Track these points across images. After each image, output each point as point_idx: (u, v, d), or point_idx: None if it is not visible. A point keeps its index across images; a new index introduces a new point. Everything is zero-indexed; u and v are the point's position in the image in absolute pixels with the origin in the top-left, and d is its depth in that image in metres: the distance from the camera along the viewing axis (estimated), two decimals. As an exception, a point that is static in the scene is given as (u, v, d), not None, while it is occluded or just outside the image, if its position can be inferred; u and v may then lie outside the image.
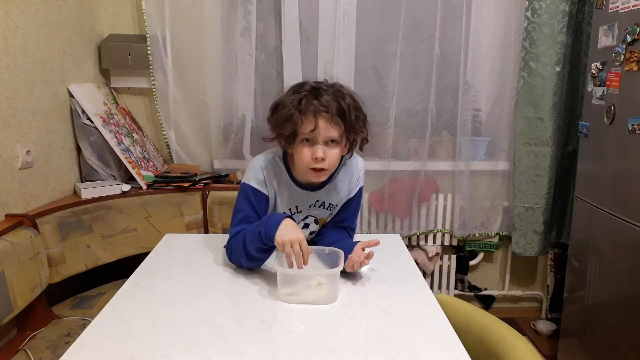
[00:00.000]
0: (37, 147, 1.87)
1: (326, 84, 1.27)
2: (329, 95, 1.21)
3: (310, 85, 1.24)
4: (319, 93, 1.21)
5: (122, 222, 2.10)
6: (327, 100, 1.20)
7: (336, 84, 1.27)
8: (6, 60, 1.70)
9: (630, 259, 1.73)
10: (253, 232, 1.25)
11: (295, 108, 1.20)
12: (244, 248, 1.28)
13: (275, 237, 1.18)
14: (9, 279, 1.53)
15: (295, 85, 1.28)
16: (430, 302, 1.19)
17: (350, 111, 1.22)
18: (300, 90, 1.23)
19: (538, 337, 2.63)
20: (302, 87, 1.25)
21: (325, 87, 1.24)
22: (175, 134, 2.43)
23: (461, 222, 2.57)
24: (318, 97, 1.20)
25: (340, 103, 1.20)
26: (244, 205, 1.34)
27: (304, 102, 1.20)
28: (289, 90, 1.28)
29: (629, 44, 1.71)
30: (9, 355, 1.54)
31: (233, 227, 1.35)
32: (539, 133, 2.42)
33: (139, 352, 0.96)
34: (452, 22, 2.41)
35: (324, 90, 1.22)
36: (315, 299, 1.18)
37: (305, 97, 1.21)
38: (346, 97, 1.23)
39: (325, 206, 1.42)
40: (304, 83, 1.26)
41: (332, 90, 1.23)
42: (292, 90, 1.26)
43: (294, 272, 1.18)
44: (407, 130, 2.51)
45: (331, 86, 1.26)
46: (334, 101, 1.20)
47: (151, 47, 2.33)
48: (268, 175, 1.34)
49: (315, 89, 1.23)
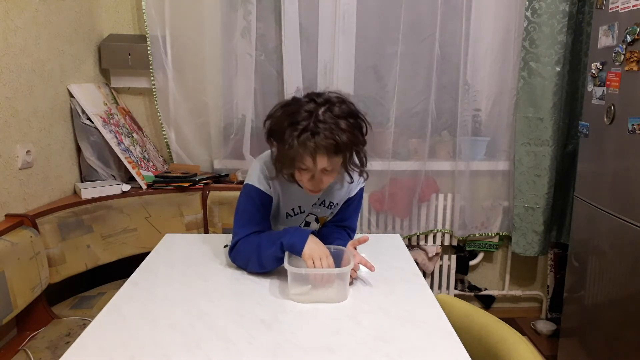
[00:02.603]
0: (37, 147, 1.87)
1: (324, 103, 1.18)
2: (327, 131, 1.14)
3: (306, 112, 1.16)
4: (316, 129, 1.14)
5: (122, 222, 2.10)
6: (324, 138, 1.14)
7: (335, 102, 1.19)
8: (6, 60, 1.70)
9: (630, 259, 1.73)
10: (271, 241, 1.27)
11: (293, 148, 1.15)
12: (257, 253, 1.29)
13: (304, 251, 1.21)
14: (9, 279, 1.53)
15: (291, 108, 1.19)
16: (430, 302, 1.19)
17: (348, 148, 1.18)
18: (298, 121, 1.15)
19: (538, 337, 2.63)
20: (298, 115, 1.16)
21: (322, 115, 1.16)
22: (175, 134, 2.43)
23: (461, 222, 2.57)
24: (315, 134, 1.14)
25: (338, 140, 1.15)
26: (249, 206, 1.34)
27: (301, 140, 1.14)
28: (285, 111, 1.19)
29: (629, 44, 1.71)
30: (9, 355, 1.54)
31: (239, 229, 1.34)
32: (539, 133, 2.42)
33: (139, 352, 0.96)
34: (452, 22, 2.41)
35: (322, 123, 1.15)
36: (326, 298, 1.19)
37: (302, 134, 1.14)
38: (345, 132, 1.16)
39: (326, 204, 1.43)
40: (300, 106, 1.18)
41: (330, 123, 1.15)
42: (289, 119, 1.16)
43: (307, 272, 1.20)
44: (407, 130, 2.51)
45: (329, 108, 1.17)
46: (331, 139, 1.14)
47: (151, 47, 2.33)
48: (271, 176, 1.33)
49: (314, 121, 1.14)
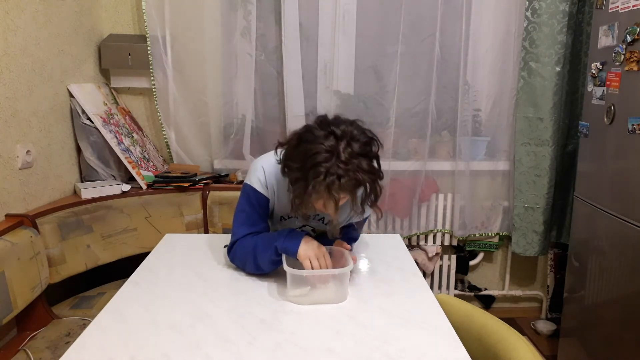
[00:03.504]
0: (37, 147, 1.87)
1: (343, 137, 1.13)
2: (350, 172, 1.11)
3: (327, 152, 1.11)
4: (340, 171, 1.10)
5: (122, 222, 2.10)
6: (348, 180, 1.11)
7: (354, 135, 1.14)
8: (6, 60, 1.70)
9: (630, 259, 1.73)
10: (266, 244, 1.27)
11: (318, 192, 1.12)
12: (253, 256, 1.29)
13: (299, 252, 1.22)
14: (9, 279, 1.53)
15: (310, 146, 1.12)
16: (430, 302, 1.19)
17: (368, 186, 1.16)
18: (320, 162, 1.10)
19: (538, 337, 2.63)
20: (319, 155, 1.10)
21: (344, 154, 1.11)
22: (175, 134, 2.43)
23: (461, 222, 2.57)
24: (340, 177, 1.10)
25: (360, 180, 1.12)
26: (246, 206, 1.35)
27: (326, 184, 1.10)
28: (305, 148, 1.13)
29: (629, 44, 1.71)
30: (9, 355, 1.54)
31: (237, 229, 1.35)
32: (539, 133, 2.42)
33: (139, 352, 0.96)
34: (452, 22, 2.41)
35: (344, 164, 1.10)
36: (325, 299, 1.19)
37: (327, 178, 1.10)
38: (367, 173, 1.13)
39: (325, 222, 1.42)
40: (319, 142, 1.12)
41: (354, 164, 1.11)
42: (310, 160, 1.11)
43: (307, 274, 1.19)
44: (407, 130, 2.51)
45: (349, 144, 1.12)
46: (354, 179, 1.11)
47: (151, 47, 2.33)
48: (269, 178, 1.33)
49: (337, 163, 1.10)
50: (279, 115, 2.48)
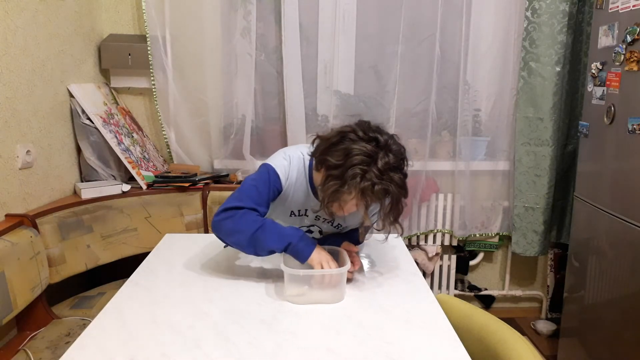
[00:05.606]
0: (37, 147, 1.87)
1: (383, 147, 1.16)
2: (383, 182, 1.13)
3: (366, 156, 1.14)
4: (375, 179, 1.13)
5: (122, 222, 2.10)
6: (380, 189, 1.13)
7: (392, 148, 1.18)
8: (6, 60, 1.70)
9: (630, 259, 1.73)
10: (276, 233, 1.24)
11: (350, 194, 1.14)
12: (253, 235, 1.23)
13: (312, 257, 1.22)
14: (9, 279, 1.53)
15: (352, 145, 1.16)
16: (430, 302, 1.20)
17: (393, 200, 1.17)
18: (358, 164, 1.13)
19: (538, 337, 2.62)
20: (358, 156, 1.13)
21: (381, 163, 1.14)
22: (175, 134, 2.43)
23: (461, 222, 2.57)
24: (374, 184, 1.12)
25: (390, 192, 1.14)
26: (260, 183, 1.29)
27: (361, 188, 1.12)
28: (345, 147, 1.15)
29: (629, 44, 1.71)
30: (9, 355, 1.54)
31: (245, 198, 1.27)
32: (539, 133, 2.42)
33: (139, 352, 0.96)
34: (452, 22, 2.41)
35: (380, 173, 1.13)
36: (323, 299, 1.19)
37: (363, 182, 1.12)
38: (397, 187, 1.15)
39: (334, 225, 1.41)
40: (359, 144, 1.15)
41: (388, 174, 1.14)
42: (350, 159, 1.13)
43: (304, 273, 1.19)
44: (407, 130, 2.51)
45: (387, 154, 1.15)
46: (385, 188, 1.13)
47: (151, 47, 2.33)
48: (292, 171, 1.31)
49: (374, 169, 1.13)
50: (279, 115, 2.48)
